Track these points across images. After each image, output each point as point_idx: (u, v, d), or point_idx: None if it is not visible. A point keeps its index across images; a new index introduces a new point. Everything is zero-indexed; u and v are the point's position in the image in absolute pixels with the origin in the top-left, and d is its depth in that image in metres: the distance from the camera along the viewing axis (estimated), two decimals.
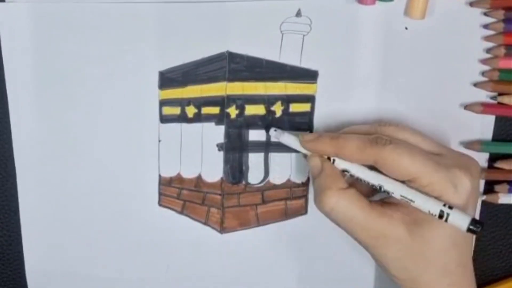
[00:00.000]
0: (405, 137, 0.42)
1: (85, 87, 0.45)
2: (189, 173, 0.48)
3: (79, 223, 0.49)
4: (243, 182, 0.48)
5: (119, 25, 0.44)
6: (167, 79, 0.45)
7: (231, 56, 0.45)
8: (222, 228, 0.49)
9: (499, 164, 0.48)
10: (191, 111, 0.46)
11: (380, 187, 0.41)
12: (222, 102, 0.46)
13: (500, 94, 0.47)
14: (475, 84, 0.47)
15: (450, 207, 0.39)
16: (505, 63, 0.45)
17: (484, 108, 0.47)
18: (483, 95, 0.47)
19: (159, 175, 0.48)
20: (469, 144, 0.48)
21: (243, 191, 0.49)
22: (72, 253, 0.50)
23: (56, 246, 0.49)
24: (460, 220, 0.39)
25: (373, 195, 0.45)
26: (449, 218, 0.39)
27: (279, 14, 0.44)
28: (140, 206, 0.48)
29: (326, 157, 0.43)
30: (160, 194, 0.48)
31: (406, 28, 0.45)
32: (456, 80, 0.47)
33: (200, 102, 0.46)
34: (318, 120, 0.47)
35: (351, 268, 0.50)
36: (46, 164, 0.47)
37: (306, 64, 0.46)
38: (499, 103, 0.47)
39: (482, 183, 0.49)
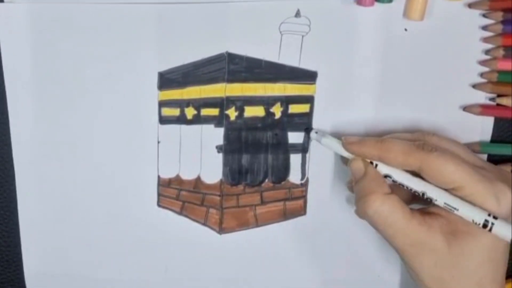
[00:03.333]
0: (449, 146, 0.42)
1: (84, 88, 0.45)
2: (188, 175, 0.48)
3: (78, 224, 0.49)
4: (242, 183, 0.48)
5: (118, 26, 0.44)
6: (167, 80, 0.45)
7: (231, 57, 0.45)
8: (221, 229, 0.49)
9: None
10: (190, 112, 0.46)
11: (423, 194, 0.41)
12: (222, 103, 0.46)
13: (499, 96, 0.46)
14: (474, 86, 0.47)
15: (495, 217, 0.39)
16: (504, 65, 0.45)
17: (483, 109, 0.47)
18: (482, 97, 0.47)
19: (158, 176, 0.48)
20: (468, 146, 0.48)
21: (242, 192, 0.49)
22: (71, 255, 0.50)
23: (55, 247, 0.49)
24: (505, 230, 0.38)
25: (411, 204, 0.44)
26: (494, 228, 0.38)
27: (278, 15, 0.44)
28: (139, 207, 0.48)
29: (368, 161, 0.43)
30: (159, 195, 0.48)
31: (406, 30, 0.45)
32: (455, 81, 0.47)
33: (200, 104, 0.46)
34: (317, 121, 0.47)
35: (349, 269, 0.50)
36: (45, 165, 0.47)
37: (305, 64, 0.46)
38: (498, 104, 0.47)
39: None
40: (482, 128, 0.48)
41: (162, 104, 0.46)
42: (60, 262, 0.50)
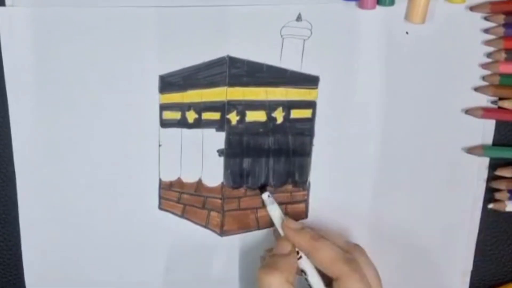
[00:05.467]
0: (367, 270, 0.44)
1: (85, 91, 0.45)
2: (189, 178, 0.48)
3: (78, 227, 0.49)
4: (244, 186, 0.48)
5: (120, 30, 0.44)
6: (168, 83, 0.45)
7: (232, 61, 0.45)
8: (222, 231, 0.49)
9: (499, 172, 0.48)
10: (191, 116, 0.46)
11: None
12: (223, 107, 0.46)
13: (500, 99, 0.46)
14: (476, 89, 0.47)
15: None
16: (506, 68, 0.45)
17: (485, 112, 0.47)
18: (484, 100, 0.47)
19: (160, 179, 0.48)
20: (470, 149, 0.48)
21: (243, 195, 0.49)
22: (71, 257, 0.49)
23: (56, 250, 0.49)
24: None
25: None
26: None
27: (280, 19, 0.44)
28: (141, 209, 0.48)
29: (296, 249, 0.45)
30: (160, 198, 0.48)
31: (407, 33, 0.45)
32: (457, 84, 0.47)
33: (201, 107, 0.46)
34: (319, 126, 0.47)
35: None
36: (46, 168, 0.47)
37: (307, 69, 0.46)
38: (499, 107, 0.47)
39: (483, 191, 0.49)
40: (484, 131, 0.48)
41: (163, 107, 0.46)
42: (60, 264, 0.50)
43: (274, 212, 0.47)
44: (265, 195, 0.47)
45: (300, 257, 0.44)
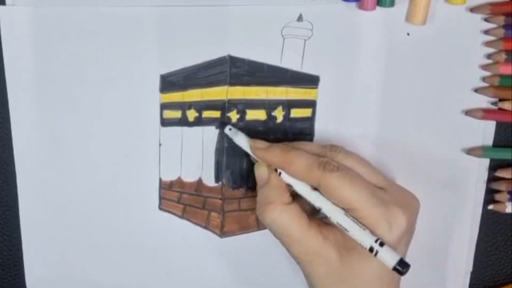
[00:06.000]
0: (353, 165, 0.43)
1: (86, 91, 0.45)
2: (189, 177, 0.48)
3: (79, 227, 0.49)
4: (244, 187, 0.48)
5: (121, 29, 0.44)
6: (168, 82, 0.45)
7: (232, 60, 0.45)
8: (222, 232, 0.49)
9: (499, 173, 0.48)
10: (192, 114, 0.46)
11: (320, 209, 0.42)
12: (223, 106, 0.46)
13: (500, 100, 0.47)
14: (476, 90, 0.47)
15: (382, 244, 0.40)
16: (506, 69, 0.45)
17: (485, 113, 0.47)
18: (484, 101, 0.47)
19: (160, 179, 0.48)
20: (470, 150, 0.48)
21: (243, 196, 0.48)
22: (72, 258, 0.49)
23: (56, 251, 0.49)
24: (388, 258, 0.39)
25: (316, 213, 0.45)
26: (378, 254, 0.39)
27: (281, 19, 0.44)
28: (141, 209, 0.48)
29: (273, 168, 0.43)
30: (160, 198, 0.48)
31: (408, 34, 0.45)
32: (457, 85, 0.47)
33: (201, 106, 0.46)
34: (319, 125, 0.47)
35: None
36: (46, 168, 0.47)
37: (307, 69, 0.46)
38: (499, 108, 0.47)
39: (483, 192, 0.49)
40: (484, 132, 0.48)
41: (164, 106, 0.46)
42: (61, 265, 0.50)
43: (242, 141, 0.45)
44: (227, 129, 0.46)
45: (280, 173, 0.43)
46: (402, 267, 0.39)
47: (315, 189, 0.42)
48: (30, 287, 0.50)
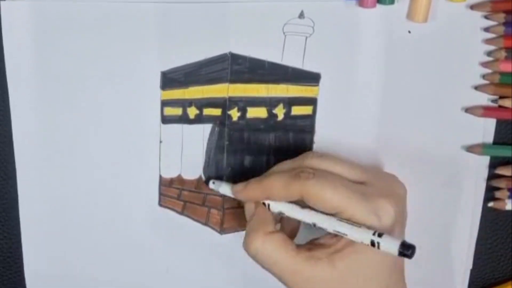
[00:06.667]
0: (329, 166, 0.42)
1: (86, 87, 0.45)
2: (190, 175, 0.48)
3: (78, 224, 0.49)
4: None
5: (122, 25, 0.44)
6: (169, 79, 0.45)
7: (234, 57, 0.45)
8: (222, 229, 0.49)
9: (499, 171, 0.48)
10: (192, 112, 0.46)
11: (314, 225, 0.42)
12: (224, 103, 0.46)
13: (501, 97, 0.47)
14: (476, 87, 0.47)
15: (380, 235, 0.39)
16: (506, 66, 0.45)
17: (485, 111, 0.47)
18: (484, 98, 0.47)
19: (160, 176, 0.48)
20: (470, 148, 0.48)
21: None
22: (72, 255, 0.49)
23: (56, 248, 0.49)
24: (390, 246, 0.39)
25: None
26: (381, 246, 0.39)
27: (282, 16, 0.44)
28: (141, 206, 0.48)
29: (261, 202, 0.43)
30: (160, 194, 0.48)
31: (410, 32, 0.45)
32: (457, 83, 0.47)
33: (202, 103, 0.46)
34: (320, 123, 0.47)
35: None
36: (47, 165, 0.47)
37: (308, 66, 0.46)
38: (500, 106, 0.47)
39: (483, 190, 0.49)
40: (484, 130, 0.48)
41: (164, 103, 0.46)
42: (60, 262, 0.49)
43: (226, 191, 0.46)
44: (211, 184, 0.47)
45: (268, 204, 0.43)
46: (407, 250, 0.38)
47: (305, 207, 0.42)
48: (29, 284, 0.50)
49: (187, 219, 0.49)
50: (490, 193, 0.49)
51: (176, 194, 0.48)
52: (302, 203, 0.42)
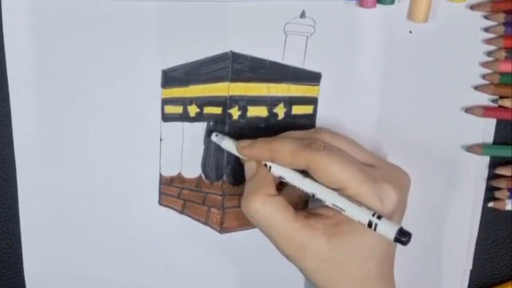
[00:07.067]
0: (340, 144, 0.42)
1: (87, 86, 0.45)
2: (190, 173, 0.48)
3: (78, 223, 0.48)
4: (244, 184, 0.48)
5: (122, 24, 0.44)
6: (170, 78, 0.45)
7: (235, 56, 0.45)
8: (222, 228, 0.49)
9: (499, 171, 0.48)
10: (193, 110, 0.46)
11: (313, 195, 0.42)
12: (225, 102, 0.46)
13: (501, 97, 0.47)
14: (476, 87, 0.47)
15: (379, 217, 0.39)
16: (506, 67, 0.45)
17: (485, 111, 0.47)
18: (485, 98, 0.47)
19: (160, 174, 0.48)
20: (470, 148, 0.48)
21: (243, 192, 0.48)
22: (71, 254, 0.49)
23: (56, 247, 0.49)
24: (387, 230, 0.39)
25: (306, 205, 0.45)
26: (378, 228, 0.39)
27: (283, 15, 0.44)
28: (140, 205, 0.48)
29: (263, 163, 0.43)
30: (160, 193, 0.48)
31: (411, 32, 0.45)
32: (457, 83, 0.47)
33: (203, 102, 0.46)
34: (321, 122, 0.47)
35: None
36: (47, 164, 0.47)
37: (309, 65, 0.46)
38: (500, 106, 0.47)
39: (483, 190, 0.49)
40: (484, 130, 0.48)
41: (165, 102, 0.46)
42: (60, 261, 0.49)
43: (229, 144, 0.45)
44: (213, 136, 0.46)
45: (270, 167, 0.43)
46: (403, 236, 0.39)
47: (307, 177, 0.42)
48: (29, 283, 0.50)
49: (187, 218, 0.49)
50: (490, 193, 0.49)
51: (176, 193, 0.48)
52: (304, 174, 0.42)
